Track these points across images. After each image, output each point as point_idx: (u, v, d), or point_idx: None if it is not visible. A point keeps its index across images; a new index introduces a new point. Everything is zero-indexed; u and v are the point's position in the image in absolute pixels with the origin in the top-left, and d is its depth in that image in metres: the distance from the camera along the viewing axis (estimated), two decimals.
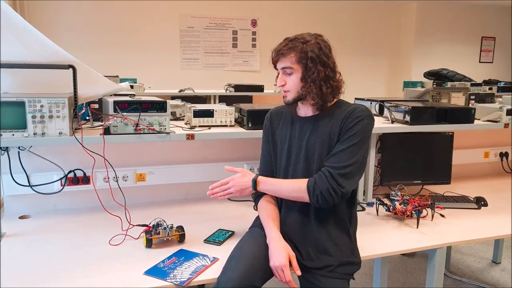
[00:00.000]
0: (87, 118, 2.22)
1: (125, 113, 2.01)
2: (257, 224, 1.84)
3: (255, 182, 1.78)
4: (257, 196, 1.90)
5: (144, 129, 2.05)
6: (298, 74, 1.69)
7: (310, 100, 1.73)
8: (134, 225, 1.97)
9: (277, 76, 1.78)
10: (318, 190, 1.64)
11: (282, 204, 1.85)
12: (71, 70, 1.99)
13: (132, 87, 4.26)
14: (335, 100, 1.77)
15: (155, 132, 2.07)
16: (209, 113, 2.34)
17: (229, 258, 1.64)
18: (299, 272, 1.64)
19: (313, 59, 1.66)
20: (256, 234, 1.77)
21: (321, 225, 1.73)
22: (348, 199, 1.77)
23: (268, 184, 1.78)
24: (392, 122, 2.62)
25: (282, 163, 1.84)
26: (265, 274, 1.63)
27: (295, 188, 1.71)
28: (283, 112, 1.89)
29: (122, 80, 4.37)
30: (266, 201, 1.85)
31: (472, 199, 2.55)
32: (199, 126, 2.32)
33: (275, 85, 1.78)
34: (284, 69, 1.71)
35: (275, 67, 1.75)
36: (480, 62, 8.77)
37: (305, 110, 1.79)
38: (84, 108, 2.23)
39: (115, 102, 2.00)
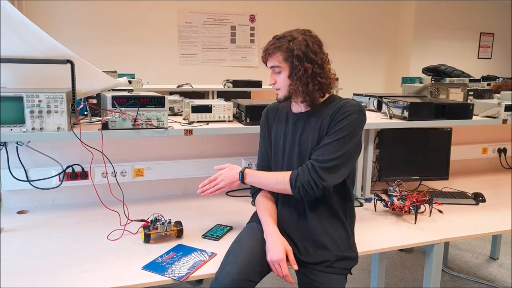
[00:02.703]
0: (85, 113, 2.21)
1: (123, 108, 2.00)
2: (255, 220, 1.85)
3: (242, 175, 1.81)
4: (255, 191, 1.90)
5: (142, 124, 2.05)
6: (286, 72, 1.70)
7: (298, 98, 1.74)
8: (132, 220, 1.98)
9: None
10: (300, 182, 1.66)
11: (278, 199, 1.85)
12: (69, 65, 1.98)
13: (130, 82, 4.25)
14: (327, 95, 1.77)
15: (153, 127, 2.07)
16: (207, 109, 2.34)
17: (227, 253, 1.65)
18: (296, 267, 1.64)
19: (299, 57, 1.66)
20: (254, 229, 1.78)
21: (317, 219, 1.74)
22: (342, 194, 1.78)
23: (254, 176, 1.82)
24: (391, 117, 2.62)
25: (278, 159, 1.85)
26: (263, 269, 1.63)
27: (278, 180, 1.74)
28: (279, 108, 1.90)
29: (120, 76, 4.36)
30: (263, 196, 1.86)
31: (470, 195, 2.55)
32: (197, 121, 2.32)
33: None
34: (273, 68, 1.73)
35: (266, 65, 1.77)
36: (478, 58, 8.78)
37: (297, 107, 1.80)
38: (82, 103, 2.22)
39: (113, 97, 2.00)
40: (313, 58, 1.68)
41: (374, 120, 2.56)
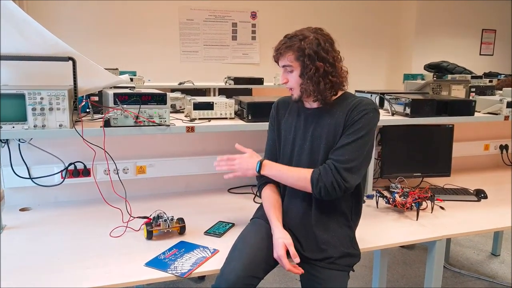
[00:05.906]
0: (87, 110, 2.22)
1: (125, 106, 2.01)
2: (259, 215, 1.85)
3: (260, 165, 1.77)
4: (261, 184, 1.90)
5: (144, 121, 2.05)
6: (297, 72, 1.69)
7: (310, 97, 1.73)
8: (134, 217, 1.98)
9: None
10: (322, 182, 1.64)
11: (284, 193, 1.85)
12: (71, 62, 1.98)
13: (131, 79, 4.25)
14: (340, 92, 1.76)
15: (155, 124, 2.07)
16: (209, 106, 2.34)
17: (232, 249, 1.66)
18: (297, 260, 1.63)
19: (311, 56, 1.65)
20: (259, 225, 1.78)
21: (322, 216, 1.74)
22: (353, 193, 1.76)
23: (274, 169, 1.78)
24: (393, 114, 2.62)
25: (286, 153, 1.84)
26: (267, 266, 1.65)
27: (300, 176, 1.71)
28: (290, 102, 1.88)
29: (122, 73, 4.35)
30: (270, 191, 1.86)
31: (472, 191, 2.55)
32: (199, 118, 2.32)
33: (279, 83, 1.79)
34: (284, 67, 1.72)
35: (278, 64, 1.76)
36: (480, 54, 8.74)
37: (310, 102, 1.79)
38: (84, 100, 2.23)
39: (115, 95, 2.00)
40: (325, 56, 1.66)
41: None
